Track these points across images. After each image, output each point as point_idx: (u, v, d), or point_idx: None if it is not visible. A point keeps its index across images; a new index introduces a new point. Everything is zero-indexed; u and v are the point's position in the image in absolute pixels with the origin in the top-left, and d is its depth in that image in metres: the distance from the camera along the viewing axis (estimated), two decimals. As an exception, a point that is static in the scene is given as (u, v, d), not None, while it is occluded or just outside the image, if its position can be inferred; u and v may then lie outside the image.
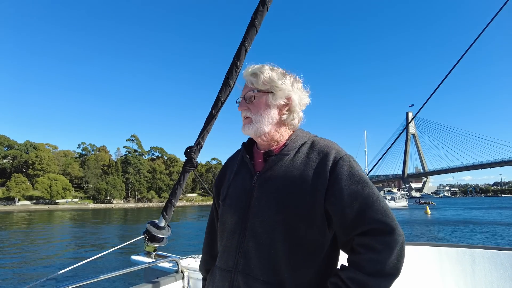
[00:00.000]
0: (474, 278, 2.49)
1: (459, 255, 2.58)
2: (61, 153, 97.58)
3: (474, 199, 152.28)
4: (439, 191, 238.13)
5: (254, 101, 1.17)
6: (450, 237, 21.61)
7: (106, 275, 1.95)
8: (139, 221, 39.97)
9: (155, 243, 2.17)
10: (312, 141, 1.14)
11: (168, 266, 2.26)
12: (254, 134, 1.18)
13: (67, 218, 45.85)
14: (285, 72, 1.20)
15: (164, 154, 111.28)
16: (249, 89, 1.18)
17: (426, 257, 2.67)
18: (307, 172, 1.05)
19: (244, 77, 1.22)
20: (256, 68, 1.18)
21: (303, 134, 1.19)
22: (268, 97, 1.15)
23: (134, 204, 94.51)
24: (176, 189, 2.27)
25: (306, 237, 1.01)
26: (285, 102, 1.17)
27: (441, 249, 2.66)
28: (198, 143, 2.31)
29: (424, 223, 31.07)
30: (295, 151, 1.12)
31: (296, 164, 1.08)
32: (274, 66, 1.21)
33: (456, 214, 45.08)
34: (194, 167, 2.26)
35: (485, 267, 2.47)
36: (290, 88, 1.17)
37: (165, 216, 2.22)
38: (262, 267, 1.01)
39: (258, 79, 1.16)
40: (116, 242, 21.22)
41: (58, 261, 14.64)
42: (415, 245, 2.74)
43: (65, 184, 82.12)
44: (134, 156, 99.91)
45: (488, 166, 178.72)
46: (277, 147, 1.17)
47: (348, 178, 1.01)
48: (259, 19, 2.22)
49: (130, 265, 2.14)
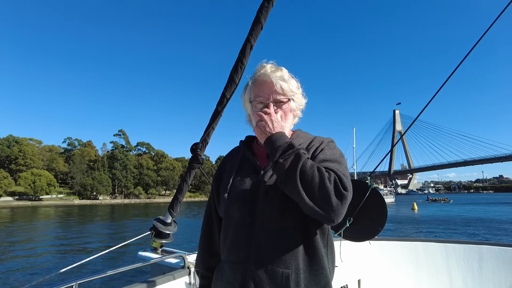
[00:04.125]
0: (481, 274, 2.46)
1: (466, 252, 2.56)
2: (46, 148, 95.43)
3: (469, 195, 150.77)
4: (424, 188, 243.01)
5: (282, 107, 1.21)
6: (441, 234, 21.88)
7: (114, 270, 1.96)
8: (126, 217, 39.42)
9: (162, 239, 2.17)
10: (316, 138, 1.24)
11: (175, 262, 2.28)
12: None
13: (52, 215, 44.96)
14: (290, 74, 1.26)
15: (151, 149, 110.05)
16: (280, 94, 1.20)
17: (433, 253, 2.66)
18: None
19: (267, 78, 1.20)
20: (283, 71, 1.23)
21: (303, 134, 1.27)
22: (291, 103, 1.23)
23: (121, 200, 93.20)
24: (182, 186, 2.27)
25: (314, 224, 1.09)
26: (299, 108, 1.27)
27: (448, 245, 2.65)
28: (204, 139, 2.31)
29: (412, 221, 31.22)
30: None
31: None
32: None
33: (449, 211, 44.31)
34: (200, 164, 2.25)
35: (492, 264, 2.45)
36: (303, 96, 1.27)
37: (171, 212, 2.22)
38: (276, 256, 1.05)
39: (289, 85, 1.21)
40: (107, 239, 20.97)
41: (49, 259, 14.38)
42: (422, 241, 2.74)
43: (50, 179, 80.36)
44: (121, 152, 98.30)
45: (471, 163, 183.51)
46: None
47: (331, 149, 1.16)
48: (264, 15, 2.20)
49: (138, 261, 2.15)
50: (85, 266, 9.85)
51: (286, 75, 1.22)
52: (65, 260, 13.77)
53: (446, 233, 21.60)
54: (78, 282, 1.68)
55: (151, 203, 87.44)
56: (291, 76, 1.24)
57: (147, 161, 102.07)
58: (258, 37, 2.27)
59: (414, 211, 43.47)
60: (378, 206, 2.07)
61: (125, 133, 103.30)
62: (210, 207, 1.35)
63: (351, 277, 2.71)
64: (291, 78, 1.24)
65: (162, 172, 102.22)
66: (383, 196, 2.10)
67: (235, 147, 1.37)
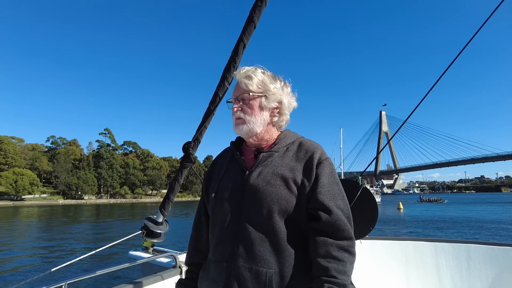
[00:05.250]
0: (469, 272, 2.52)
1: (455, 250, 2.61)
2: (28, 147, 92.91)
3: (453, 195, 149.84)
4: (410, 188, 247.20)
5: (248, 103, 1.22)
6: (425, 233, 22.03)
7: (104, 270, 1.94)
8: (112, 217, 38.83)
9: (153, 239, 2.16)
10: (300, 141, 1.23)
11: (166, 261, 2.26)
12: (246, 134, 1.24)
13: (35, 215, 43.90)
14: (275, 76, 1.27)
15: (138, 149, 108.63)
16: (244, 91, 1.22)
17: (423, 252, 2.70)
18: (296, 167, 1.15)
19: (237, 78, 1.25)
20: (250, 70, 1.23)
21: (291, 135, 1.27)
22: (262, 100, 1.22)
23: (107, 200, 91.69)
24: (174, 185, 2.26)
25: (299, 223, 1.11)
26: (276, 105, 1.24)
27: (438, 244, 2.69)
28: (196, 138, 2.30)
29: (399, 220, 31.35)
30: (284, 149, 1.21)
31: (286, 160, 1.17)
32: (265, 69, 1.26)
33: (441, 211, 43.33)
34: (192, 163, 2.25)
35: (480, 262, 2.51)
36: (281, 92, 1.24)
37: (163, 212, 2.21)
38: (260, 256, 1.07)
39: (253, 81, 1.21)
40: (94, 239, 20.60)
41: (35, 260, 14.03)
42: (412, 240, 2.78)
43: (33, 179, 78.34)
44: (107, 151, 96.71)
45: (454, 164, 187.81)
46: (267, 145, 1.25)
47: (330, 177, 1.15)
48: (257, 14, 2.21)
49: (128, 261, 2.12)
50: (74, 266, 9.66)
51: (253, 72, 1.22)
52: (52, 261, 13.46)
53: (436, 233, 21.57)
54: (67, 282, 1.65)
55: (137, 203, 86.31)
56: (263, 73, 1.23)
57: (133, 160, 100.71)
58: (251, 36, 2.28)
59: (400, 211, 44.17)
60: (369, 205, 2.10)
61: (111, 132, 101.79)
62: (200, 206, 1.37)
63: None
64: (261, 75, 1.23)
65: (148, 172, 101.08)
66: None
67: (227, 147, 1.39)
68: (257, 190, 1.12)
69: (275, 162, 1.17)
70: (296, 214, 1.10)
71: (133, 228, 1.93)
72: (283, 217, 1.09)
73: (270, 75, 1.25)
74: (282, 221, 1.09)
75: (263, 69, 1.26)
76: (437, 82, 2.53)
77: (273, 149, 1.21)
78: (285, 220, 1.09)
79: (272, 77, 1.25)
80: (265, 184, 1.12)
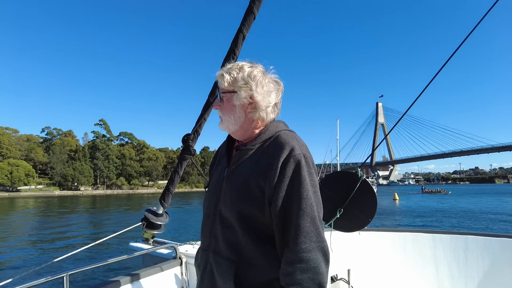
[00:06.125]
0: (466, 264, 2.54)
1: (452, 242, 2.63)
2: (23, 138, 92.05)
3: (448, 186, 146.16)
4: (405, 179, 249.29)
5: (224, 102, 1.23)
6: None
7: (105, 261, 1.95)
8: (110, 208, 38.86)
9: (153, 230, 2.17)
10: (277, 135, 1.17)
11: (166, 253, 2.28)
12: (227, 131, 1.28)
13: (32, 206, 43.85)
14: (252, 70, 1.21)
15: (134, 139, 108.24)
16: (220, 90, 1.24)
17: (421, 243, 2.72)
18: (262, 166, 1.12)
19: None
20: (224, 69, 1.23)
21: (273, 128, 1.21)
22: (233, 97, 1.21)
23: (103, 191, 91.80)
24: (173, 177, 2.26)
25: (259, 222, 1.11)
26: (249, 101, 1.20)
27: (436, 235, 2.71)
28: (196, 130, 2.29)
29: (396, 211, 31.32)
30: (259, 145, 1.18)
31: (255, 158, 1.17)
32: (253, 64, 1.23)
33: (440, 202, 43.10)
34: (192, 155, 2.25)
35: (477, 253, 2.53)
36: (253, 87, 1.18)
37: (163, 203, 2.22)
38: (226, 247, 1.14)
39: (224, 80, 1.21)
40: (93, 231, 20.65)
41: (33, 252, 14.06)
42: (410, 231, 2.79)
43: (28, 170, 78.00)
44: (103, 142, 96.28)
45: (449, 155, 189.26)
46: (249, 141, 1.24)
47: (291, 179, 1.07)
48: (257, 5, 2.19)
49: (129, 252, 2.14)
50: (75, 257, 9.71)
51: (228, 70, 1.22)
52: (52, 252, 13.53)
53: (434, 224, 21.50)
54: (69, 273, 1.66)
55: (134, 194, 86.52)
56: (239, 69, 1.21)
57: (129, 151, 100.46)
58: (250, 27, 2.26)
59: (396, 201, 44.69)
60: (368, 197, 2.11)
61: (106, 123, 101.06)
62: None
63: (341, 267, 2.77)
64: (235, 71, 1.21)
65: (145, 163, 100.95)
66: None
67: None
68: (226, 189, 1.19)
69: (247, 160, 1.18)
70: (256, 212, 1.10)
71: (131, 219, 1.93)
72: (244, 214, 1.11)
73: (246, 72, 1.20)
74: (243, 217, 1.12)
75: (251, 63, 1.23)
76: (436, 75, 2.51)
77: (249, 146, 1.19)
78: (246, 217, 1.11)
79: (248, 73, 1.19)
80: (231, 185, 1.18)
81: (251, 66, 1.22)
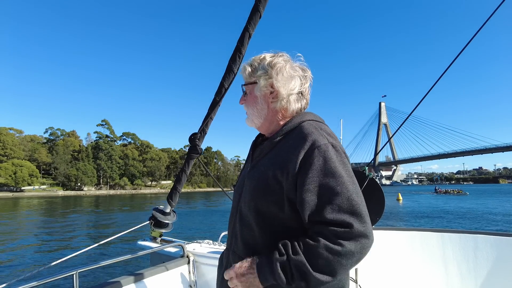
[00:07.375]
0: (476, 263, 2.49)
1: (462, 241, 2.58)
2: (27, 138, 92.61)
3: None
4: (408, 179, 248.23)
5: (247, 96, 1.21)
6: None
7: (113, 259, 1.96)
8: (114, 208, 38.97)
9: (161, 229, 2.18)
10: (300, 126, 1.10)
11: (174, 251, 2.29)
12: (253, 126, 1.23)
13: (36, 206, 44.04)
14: (273, 58, 1.16)
15: (137, 140, 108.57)
16: (245, 83, 1.22)
17: (429, 242, 2.69)
18: (280, 158, 1.06)
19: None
20: (247, 61, 1.21)
21: (298, 119, 1.13)
22: (254, 88, 1.17)
23: (106, 191, 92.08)
24: (181, 176, 2.27)
25: (277, 220, 1.05)
26: (269, 90, 1.15)
27: (444, 234, 2.66)
28: (202, 130, 2.30)
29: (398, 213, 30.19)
30: (281, 137, 1.12)
31: (276, 151, 1.10)
32: (275, 53, 1.18)
33: (447, 203, 40.08)
34: (199, 154, 2.25)
35: (487, 253, 2.48)
36: (272, 75, 1.13)
37: (170, 202, 2.23)
38: (243, 247, 1.11)
39: (246, 72, 1.19)
40: (99, 230, 20.72)
41: (41, 249, 14.13)
42: (419, 230, 2.76)
43: (32, 170, 78.32)
44: (106, 142, 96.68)
45: (453, 155, 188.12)
46: (273, 134, 1.18)
47: (320, 170, 0.98)
48: (263, 4, 2.18)
49: (137, 250, 2.15)
50: (84, 256, 9.78)
51: (249, 61, 1.20)
52: (60, 251, 13.59)
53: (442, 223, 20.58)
54: (78, 271, 1.68)
55: (137, 194, 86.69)
56: (258, 59, 1.18)
57: (132, 151, 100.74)
58: (256, 26, 2.26)
59: (399, 202, 44.41)
60: (375, 196, 2.11)
61: (109, 123, 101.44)
62: None
63: None
64: (256, 62, 1.18)
65: (147, 163, 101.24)
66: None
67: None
68: (247, 185, 1.14)
69: (269, 154, 1.12)
70: (274, 208, 1.04)
71: (136, 218, 1.94)
72: (262, 211, 1.06)
73: (267, 61, 1.15)
74: (261, 214, 1.06)
75: (274, 53, 1.18)
76: (441, 76, 2.51)
77: (271, 139, 1.14)
78: (264, 214, 1.06)
79: (268, 62, 1.15)
80: (255, 177, 1.12)
81: (273, 56, 1.17)
